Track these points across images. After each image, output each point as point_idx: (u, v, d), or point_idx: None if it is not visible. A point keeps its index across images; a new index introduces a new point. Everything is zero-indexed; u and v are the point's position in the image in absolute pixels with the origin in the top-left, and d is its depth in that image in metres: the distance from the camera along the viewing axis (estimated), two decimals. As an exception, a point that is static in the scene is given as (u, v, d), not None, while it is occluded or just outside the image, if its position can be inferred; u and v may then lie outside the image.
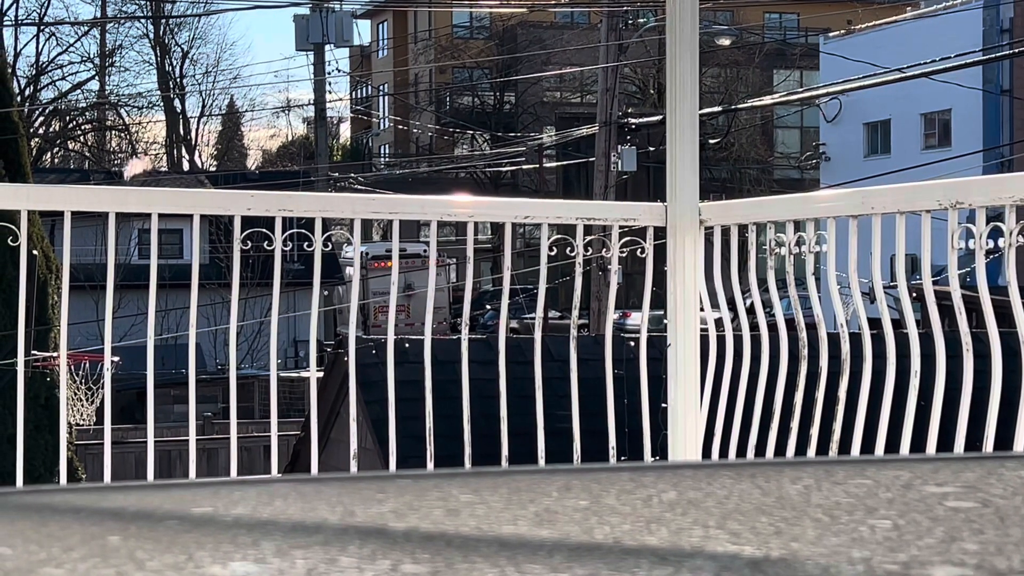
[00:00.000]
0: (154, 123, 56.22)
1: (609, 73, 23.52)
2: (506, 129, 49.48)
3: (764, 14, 53.84)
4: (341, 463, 5.08)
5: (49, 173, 41.45)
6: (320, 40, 36.51)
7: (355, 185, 39.14)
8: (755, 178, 47.99)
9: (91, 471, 18.04)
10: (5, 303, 15.45)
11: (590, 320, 23.21)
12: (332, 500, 1.13)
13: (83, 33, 52.20)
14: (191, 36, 56.70)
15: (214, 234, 32.08)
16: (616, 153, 23.52)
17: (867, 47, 31.97)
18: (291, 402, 24.11)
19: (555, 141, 42.71)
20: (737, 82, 48.35)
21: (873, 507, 1.10)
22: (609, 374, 4.94)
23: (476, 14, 54.61)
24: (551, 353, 6.30)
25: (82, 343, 18.35)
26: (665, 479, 1.20)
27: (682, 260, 4.83)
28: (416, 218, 5.33)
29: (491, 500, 1.12)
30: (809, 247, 4.41)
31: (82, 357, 17.61)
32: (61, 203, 4.61)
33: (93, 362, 17.42)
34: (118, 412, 17.66)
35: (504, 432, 4.84)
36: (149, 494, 1.19)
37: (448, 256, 35.43)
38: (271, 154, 63.02)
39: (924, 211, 3.95)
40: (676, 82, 4.80)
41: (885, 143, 38.85)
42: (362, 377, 8.56)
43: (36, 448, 15.33)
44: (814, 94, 31.78)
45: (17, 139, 19.25)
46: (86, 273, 15.20)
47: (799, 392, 4.52)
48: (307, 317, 5.06)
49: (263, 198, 4.76)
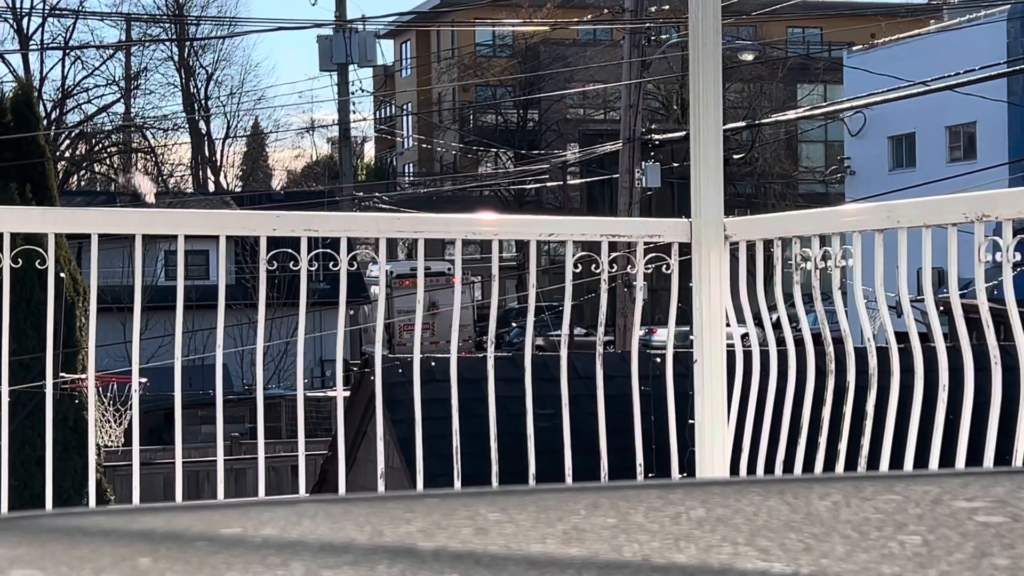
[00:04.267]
0: (179, 145, 56.52)
1: (632, 89, 23.53)
2: (530, 147, 49.52)
3: (787, 29, 53.78)
4: (368, 482, 5.09)
5: (75, 196, 41.65)
6: (344, 60, 36.62)
7: (380, 204, 39.21)
8: (780, 193, 47.89)
9: (119, 492, 18.09)
10: (33, 326, 15.52)
11: (616, 337, 23.18)
12: (360, 520, 1.13)
13: (108, 56, 52.52)
14: (215, 58, 56.98)
15: (240, 255, 32.18)
16: (640, 169, 23.51)
17: (891, 60, 31.91)
18: (318, 421, 24.12)
19: (579, 158, 42.72)
20: (761, 97, 48.30)
21: (902, 523, 1.10)
22: (636, 391, 4.93)
23: (499, 32, 54.72)
24: (577, 370, 6.29)
25: (110, 365, 18.42)
26: (693, 496, 1.19)
27: (707, 276, 4.82)
28: (441, 236, 5.34)
29: (519, 518, 1.12)
30: (835, 261, 4.40)
31: (110, 379, 17.67)
32: (88, 226, 4.64)
33: (121, 384, 17.47)
34: (146, 433, 17.71)
35: (531, 450, 4.84)
36: (178, 515, 1.20)
37: (473, 274, 35.46)
38: (296, 174, 63.22)
39: (950, 224, 3.94)
40: (699, 98, 4.80)
41: (910, 156, 38.74)
42: (388, 396, 8.56)
43: (65, 470, 15.39)
44: (838, 108, 31.71)
45: (44, 162, 19.36)
46: (113, 295, 15.29)
47: (826, 407, 4.50)
48: (333, 336, 5.08)
49: (289, 218, 4.78)
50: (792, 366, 4.68)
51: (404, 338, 32.46)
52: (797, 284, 4.65)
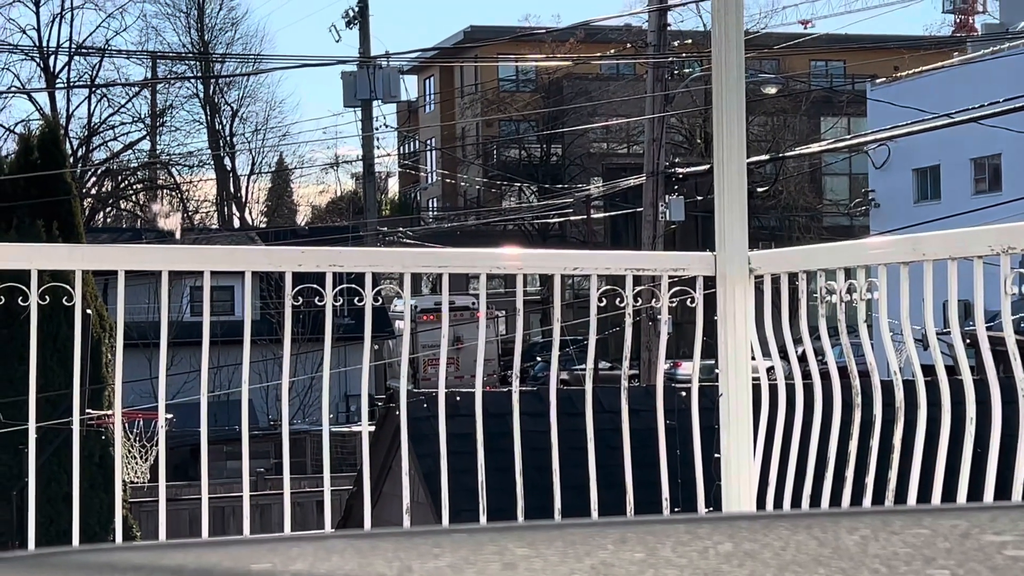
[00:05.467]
0: (204, 181, 56.78)
1: (656, 123, 23.57)
2: (553, 181, 49.59)
3: (810, 62, 53.83)
4: (394, 517, 5.08)
5: (101, 232, 41.89)
6: (368, 96, 36.78)
7: (404, 239, 39.31)
8: (804, 226, 47.82)
9: (144, 529, 18.10)
10: (60, 362, 15.59)
11: (641, 371, 23.14)
12: (388, 555, 1.14)
13: (134, 94, 52.87)
14: (241, 95, 57.28)
15: (265, 290, 32.28)
16: (664, 203, 23.52)
17: (914, 93, 31.90)
18: (343, 456, 24.12)
19: (602, 192, 42.75)
20: (784, 130, 48.29)
21: (931, 557, 1.10)
22: (661, 425, 4.92)
23: (522, 68, 54.89)
24: (602, 404, 6.28)
25: (136, 401, 18.47)
26: (721, 530, 1.19)
27: (732, 309, 4.81)
28: (465, 271, 5.34)
29: (547, 553, 1.12)
30: (860, 294, 4.39)
31: (136, 415, 17.72)
32: (114, 262, 4.66)
33: (147, 420, 17.52)
34: (172, 469, 17.74)
35: (556, 484, 4.83)
36: (207, 551, 1.20)
37: (497, 308, 35.46)
38: (320, 209, 63.41)
39: (976, 257, 3.93)
40: (723, 131, 4.81)
41: (935, 189, 38.65)
42: (413, 430, 8.55)
43: (91, 506, 15.41)
44: (862, 141, 31.68)
45: (70, 200, 19.49)
46: (139, 331, 15.34)
47: (853, 441, 4.48)
48: (358, 371, 5.08)
49: (313, 254, 4.79)
50: (818, 399, 4.67)
51: (429, 372, 32.45)
52: (822, 317, 4.64)
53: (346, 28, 38.93)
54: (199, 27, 55.90)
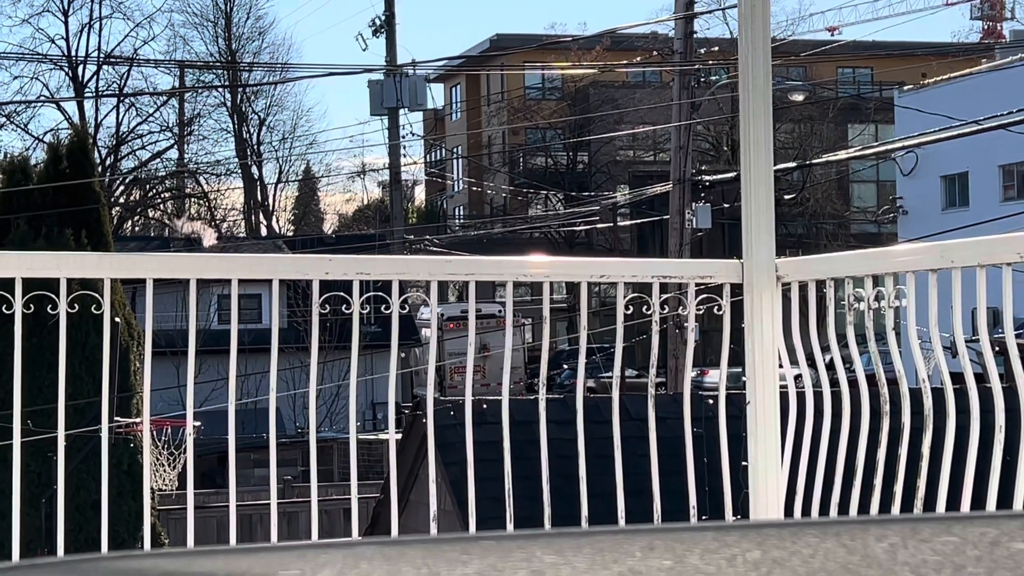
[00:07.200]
0: (232, 190, 56.96)
1: (682, 131, 23.55)
2: (580, 188, 49.58)
3: (837, 69, 53.68)
4: (420, 525, 5.09)
5: (129, 241, 42.07)
6: (394, 104, 36.85)
7: (430, 247, 39.35)
8: (832, 233, 47.68)
9: (173, 536, 18.16)
10: (88, 370, 15.66)
11: (668, 378, 23.11)
12: (417, 562, 1.14)
13: (162, 103, 53.11)
14: (268, 104, 57.45)
15: (292, 298, 32.35)
16: (690, 211, 23.49)
17: (942, 99, 31.77)
18: (369, 464, 24.14)
19: (629, 200, 42.73)
20: (811, 137, 48.17)
21: (961, 564, 1.09)
22: (688, 432, 4.91)
23: (548, 76, 54.91)
24: (629, 412, 6.27)
25: (163, 408, 18.53)
26: (749, 538, 1.19)
27: (759, 317, 4.80)
28: (492, 279, 5.35)
29: (575, 561, 1.12)
30: (888, 302, 4.37)
31: (164, 423, 17.78)
32: (143, 271, 4.68)
33: (175, 427, 17.57)
34: (199, 477, 17.78)
35: (583, 492, 4.82)
36: (237, 558, 1.21)
37: (523, 316, 35.46)
38: (347, 218, 63.56)
39: (1005, 264, 3.91)
40: (750, 138, 4.80)
41: (963, 196, 38.48)
42: (440, 438, 8.56)
43: (119, 514, 15.47)
44: (889, 148, 31.57)
45: (99, 208, 19.58)
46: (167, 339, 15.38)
47: (882, 448, 4.47)
48: (385, 379, 5.09)
49: (340, 262, 4.80)
50: (846, 407, 4.65)
51: (455, 380, 32.50)
52: (850, 325, 4.62)
53: (373, 37, 39.02)
54: (227, 36, 56.12)
